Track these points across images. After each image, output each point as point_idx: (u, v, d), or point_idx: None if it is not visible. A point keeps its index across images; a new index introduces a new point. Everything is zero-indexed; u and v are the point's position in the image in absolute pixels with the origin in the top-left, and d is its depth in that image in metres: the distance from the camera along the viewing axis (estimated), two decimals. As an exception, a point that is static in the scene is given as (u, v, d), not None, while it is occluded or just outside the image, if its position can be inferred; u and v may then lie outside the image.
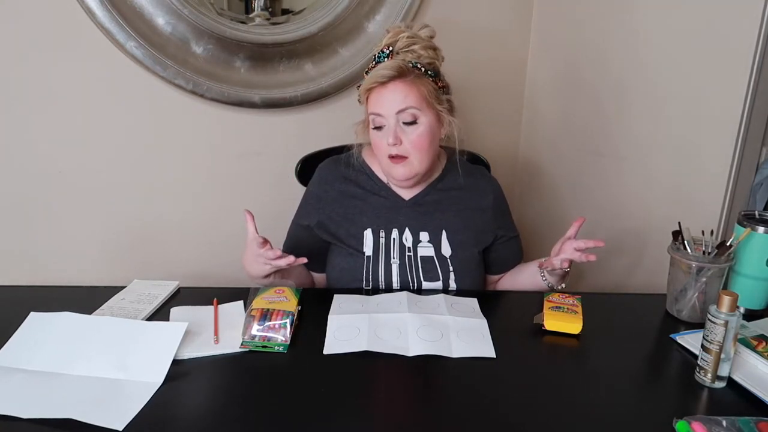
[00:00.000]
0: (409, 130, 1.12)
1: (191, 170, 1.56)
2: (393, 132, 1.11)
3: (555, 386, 0.86)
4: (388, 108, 1.10)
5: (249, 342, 0.94)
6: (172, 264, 1.60)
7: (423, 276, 1.17)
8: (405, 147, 1.12)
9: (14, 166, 1.44)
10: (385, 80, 1.09)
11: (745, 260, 1.06)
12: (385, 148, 1.12)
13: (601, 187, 1.52)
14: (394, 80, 1.09)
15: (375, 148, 1.17)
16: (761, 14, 1.06)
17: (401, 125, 1.11)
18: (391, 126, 1.11)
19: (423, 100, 1.11)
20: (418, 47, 1.11)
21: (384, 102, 1.10)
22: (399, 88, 1.09)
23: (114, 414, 0.76)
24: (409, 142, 1.12)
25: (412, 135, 1.12)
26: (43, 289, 1.14)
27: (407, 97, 1.10)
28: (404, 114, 1.10)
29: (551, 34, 1.69)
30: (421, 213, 1.21)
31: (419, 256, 1.18)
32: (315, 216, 1.22)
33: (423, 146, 1.13)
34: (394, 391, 0.86)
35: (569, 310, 1.02)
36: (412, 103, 1.10)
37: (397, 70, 1.08)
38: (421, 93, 1.10)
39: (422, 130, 1.12)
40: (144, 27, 1.38)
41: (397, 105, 1.10)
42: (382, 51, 1.13)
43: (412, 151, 1.12)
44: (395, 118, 1.11)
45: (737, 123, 1.13)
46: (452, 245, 1.20)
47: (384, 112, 1.11)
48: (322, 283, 1.30)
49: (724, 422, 0.74)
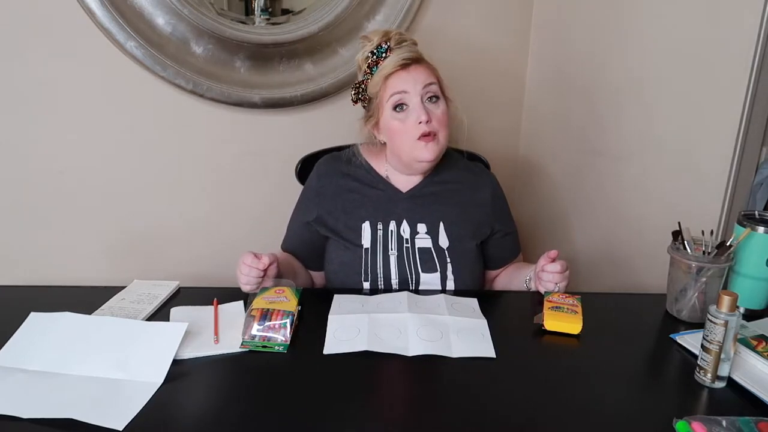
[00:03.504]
0: (434, 107, 1.15)
1: (191, 170, 1.56)
2: (423, 109, 1.13)
3: (555, 386, 0.86)
4: (413, 84, 1.13)
5: (249, 342, 0.94)
6: (172, 264, 1.60)
7: (421, 267, 1.17)
8: (434, 124, 1.14)
9: (14, 167, 1.44)
10: (408, 62, 1.13)
11: (745, 260, 1.06)
12: (414, 128, 1.14)
13: (600, 187, 1.52)
14: (414, 63, 1.14)
15: (398, 134, 1.16)
16: (761, 14, 1.06)
17: (426, 103, 1.14)
18: (417, 103, 1.13)
19: (439, 82, 1.17)
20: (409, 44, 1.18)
21: (409, 79, 1.14)
22: (420, 70, 1.15)
23: (114, 414, 0.76)
24: (436, 119, 1.15)
25: (437, 111, 1.15)
26: (43, 289, 1.14)
27: (430, 76, 1.15)
28: (430, 88, 1.14)
29: (551, 35, 1.69)
30: (418, 205, 1.22)
31: (417, 247, 1.19)
32: (314, 211, 1.23)
33: (446, 124, 1.17)
34: (394, 391, 0.86)
35: (569, 310, 1.02)
36: (434, 80, 1.15)
37: (415, 54, 1.15)
38: (437, 76, 1.17)
39: (444, 108, 1.17)
40: (144, 27, 1.38)
41: (423, 80, 1.14)
42: (380, 45, 1.15)
43: (440, 128, 1.15)
44: (420, 94, 1.13)
45: (737, 123, 1.13)
46: (450, 237, 1.20)
47: (410, 89, 1.13)
48: (319, 281, 1.30)
49: (724, 422, 0.74)
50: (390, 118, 1.16)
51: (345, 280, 1.19)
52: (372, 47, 1.16)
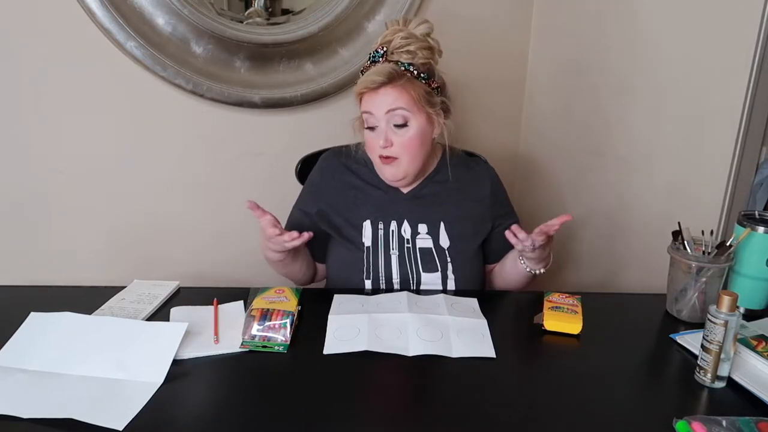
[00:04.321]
0: (400, 132, 1.13)
1: (191, 170, 1.56)
2: (384, 134, 1.13)
3: (555, 386, 0.86)
4: (378, 108, 1.12)
5: (249, 342, 0.94)
6: (172, 264, 1.60)
7: (422, 267, 1.18)
8: (395, 149, 1.14)
9: (14, 166, 1.44)
10: (375, 86, 1.10)
11: (745, 260, 1.06)
12: (377, 148, 1.15)
13: (601, 186, 1.52)
14: (385, 86, 1.10)
15: (367, 147, 1.19)
16: (761, 14, 1.06)
17: (392, 127, 1.13)
18: (382, 128, 1.13)
19: (414, 103, 1.12)
20: (414, 47, 1.11)
21: (374, 103, 1.12)
22: (389, 93, 1.11)
23: (114, 414, 0.76)
24: (400, 145, 1.13)
25: (402, 137, 1.13)
26: (43, 289, 1.14)
27: (397, 100, 1.11)
28: (394, 115, 1.12)
29: (552, 30, 1.69)
30: (419, 205, 1.22)
31: (418, 247, 1.20)
32: (315, 204, 1.24)
33: (413, 148, 1.14)
34: (394, 391, 0.86)
35: (569, 310, 1.02)
36: (402, 104, 1.11)
37: (387, 76, 1.09)
38: (411, 96, 1.11)
39: (412, 133, 1.13)
40: (144, 27, 1.38)
41: (387, 105, 1.11)
42: (377, 51, 1.13)
43: (402, 153, 1.14)
44: (385, 118, 1.12)
45: (737, 123, 1.13)
46: (450, 237, 1.21)
47: (375, 112, 1.12)
48: (322, 274, 1.30)
49: (724, 422, 0.74)
50: (365, 132, 1.17)
51: (347, 278, 1.19)
52: (376, 45, 1.15)
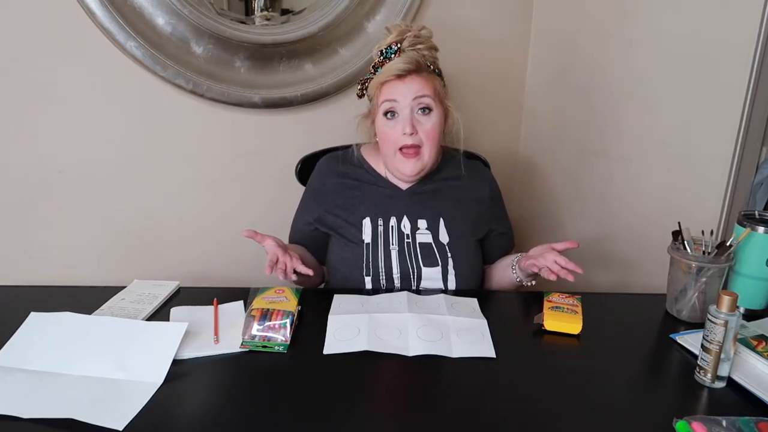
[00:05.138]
0: (424, 119, 1.15)
1: (191, 170, 1.56)
2: (409, 120, 1.13)
3: (555, 386, 0.86)
4: (403, 96, 1.13)
5: (249, 342, 0.94)
6: (172, 264, 1.60)
7: (423, 262, 1.18)
8: (419, 137, 1.15)
9: (14, 166, 1.44)
10: (403, 73, 1.12)
11: (745, 260, 1.06)
12: (397, 138, 1.15)
13: (600, 187, 1.52)
14: (411, 74, 1.13)
15: (384, 139, 1.18)
16: (761, 14, 1.06)
17: (416, 115, 1.14)
18: (406, 115, 1.14)
19: (435, 94, 1.15)
20: (423, 47, 1.16)
21: (400, 91, 1.13)
22: (416, 81, 1.13)
23: (114, 414, 0.76)
24: (424, 132, 1.15)
25: (426, 125, 1.15)
26: (43, 289, 1.14)
27: (424, 88, 1.14)
28: (421, 101, 1.13)
29: (551, 35, 1.69)
30: (418, 201, 1.23)
31: (418, 242, 1.20)
32: (315, 210, 1.24)
33: (435, 138, 1.16)
34: (394, 391, 0.86)
35: (569, 310, 1.02)
36: (428, 92, 1.14)
37: (415, 64, 1.13)
38: (434, 87, 1.15)
39: (435, 122, 1.16)
40: (144, 27, 1.38)
41: (414, 93, 1.13)
42: (390, 47, 1.15)
43: (426, 140, 1.15)
44: (410, 106, 1.13)
45: (737, 123, 1.13)
46: (450, 232, 1.21)
47: (400, 99, 1.13)
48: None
49: (724, 422, 0.74)
50: (380, 123, 1.18)
51: (347, 275, 1.19)
52: (386, 44, 1.16)
